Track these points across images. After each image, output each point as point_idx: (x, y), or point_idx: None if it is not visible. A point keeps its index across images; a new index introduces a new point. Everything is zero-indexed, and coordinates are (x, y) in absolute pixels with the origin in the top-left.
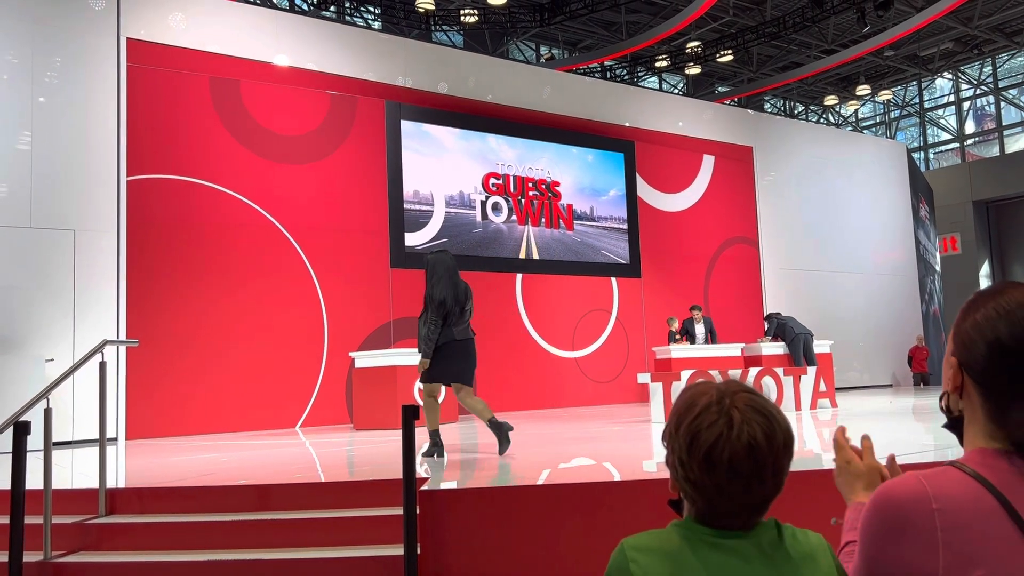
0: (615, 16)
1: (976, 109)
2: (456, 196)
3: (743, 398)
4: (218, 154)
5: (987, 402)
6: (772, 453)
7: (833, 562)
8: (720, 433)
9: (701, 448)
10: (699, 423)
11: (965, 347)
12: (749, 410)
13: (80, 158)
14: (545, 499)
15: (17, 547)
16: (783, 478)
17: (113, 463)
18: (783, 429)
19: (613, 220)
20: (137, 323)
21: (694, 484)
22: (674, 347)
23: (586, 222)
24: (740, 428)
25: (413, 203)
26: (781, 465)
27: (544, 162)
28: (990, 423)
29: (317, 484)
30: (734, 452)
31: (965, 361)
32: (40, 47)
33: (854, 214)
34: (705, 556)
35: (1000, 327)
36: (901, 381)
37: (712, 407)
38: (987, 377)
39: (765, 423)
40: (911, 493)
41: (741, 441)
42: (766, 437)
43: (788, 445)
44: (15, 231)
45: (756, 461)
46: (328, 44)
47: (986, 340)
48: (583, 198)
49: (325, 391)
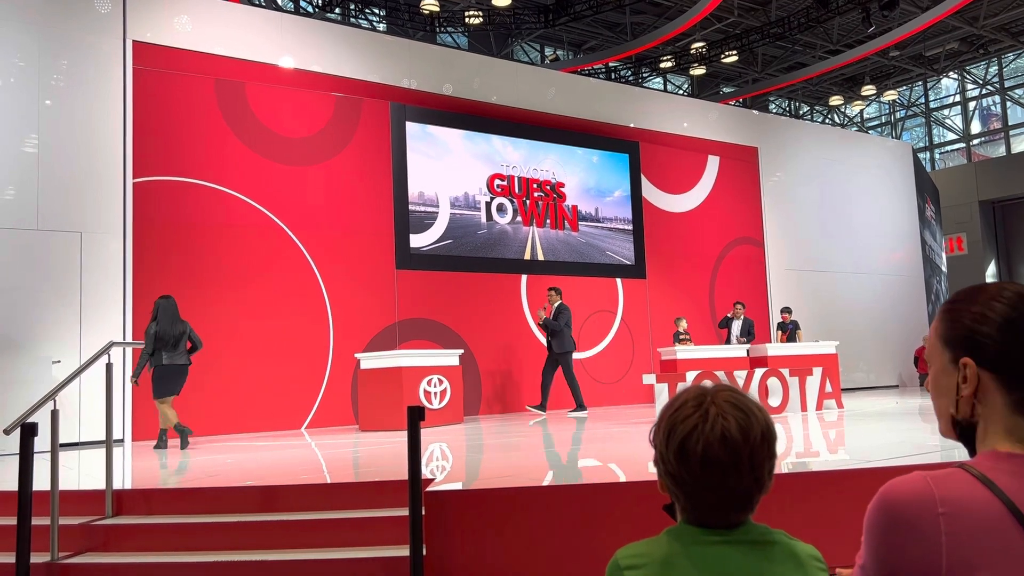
0: (620, 17)
1: (982, 109)
2: (461, 197)
3: (724, 395)
4: (223, 156)
5: (1010, 392)
6: (748, 445)
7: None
8: (695, 425)
9: (676, 439)
10: (676, 417)
11: (971, 340)
12: (727, 405)
13: (86, 160)
14: (551, 500)
15: (24, 548)
16: (763, 473)
17: (120, 464)
18: (761, 425)
19: (618, 221)
20: (143, 325)
21: (672, 477)
22: (679, 348)
23: (591, 223)
24: (715, 420)
25: (418, 204)
26: (759, 460)
27: (549, 163)
28: (1013, 415)
29: (323, 485)
30: (708, 443)
31: (986, 356)
32: (46, 50)
33: (860, 215)
34: (696, 553)
35: (1004, 309)
36: (907, 382)
37: (691, 403)
38: (1005, 363)
39: (742, 417)
40: (917, 495)
41: (715, 433)
42: (741, 430)
43: (768, 441)
44: (22, 233)
45: (730, 452)
46: (333, 46)
47: (996, 325)
48: (588, 199)
49: (330, 392)
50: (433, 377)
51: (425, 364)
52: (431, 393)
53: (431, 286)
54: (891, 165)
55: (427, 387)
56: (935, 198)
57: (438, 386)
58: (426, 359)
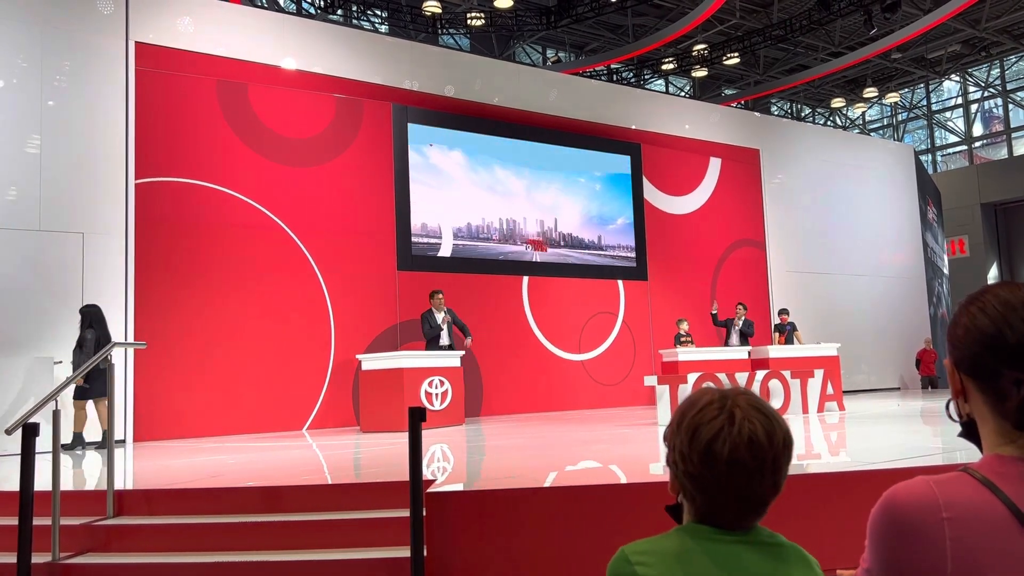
0: (621, 19)
1: (984, 111)
2: (464, 228)
3: (745, 398)
4: (225, 157)
5: (989, 399)
6: (772, 449)
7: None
8: (721, 427)
9: (702, 440)
10: (700, 418)
11: (958, 348)
12: (751, 408)
13: (89, 161)
14: (552, 502)
15: (25, 548)
16: (781, 478)
17: (121, 465)
18: (783, 430)
19: (621, 248)
20: (145, 326)
21: (694, 479)
22: (681, 350)
23: (593, 251)
24: (741, 423)
25: (421, 236)
26: (780, 464)
27: (552, 193)
28: (997, 419)
29: (324, 486)
30: (735, 445)
31: (959, 362)
32: (49, 51)
33: (861, 217)
34: (712, 550)
35: (985, 324)
36: (909, 384)
37: (714, 404)
38: (983, 373)
39: (766, 421)
40: (921, 500)
41: (742, 435)
42: (767, 434)
43: (788, 446)
44: (24, 234)
45: (756, 456)
46: (335, 47)
47: (976, 339)
48: (591, 227)
49: (332, 393)
50: (434, 378)
51: (426, 365)
52: (432, 394)
53: (432, 287)
54: (893, 167)
55: (428, 388)
56: (937, 200)
57: (439, 387)
58: (427, 360)
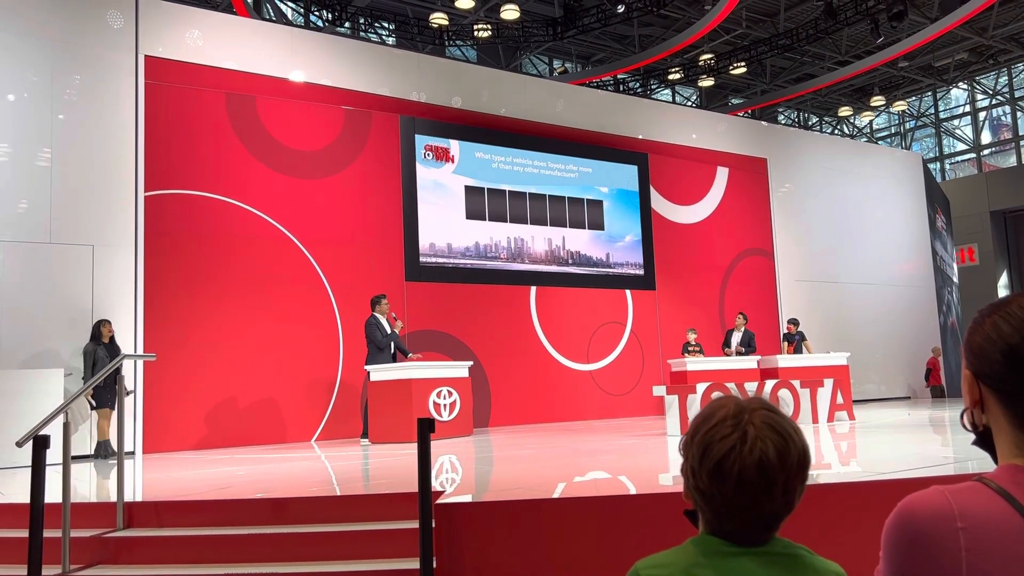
0: (628, 29)
1: (992, 119)
2: (472, 247)
3: (761, 415)
4: (234, 169)
5: (1008, 410)
6: (784, 471)
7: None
8: (732, 446)
9: (712, 459)
10: (713, 434)
11: (978, 358)
12: (765, 427)
13: (99, 174)
14: (561, 513)
15: (36, 560)
16: (794, 497)
17: (131, 477)
18: (799, 450)
19: (629, 266)
20: (154, 337)
21: (703, 494)
22: (689, 359)
23: (601, 268)
24: (753, 443)
25: (429, 255)
26: (792, 484)
27: (559, 211)
28: (1015, 431)
29: (333, 498)
30: (744, 466)
31: (980, 372)
32: (60, 65)
33: (870, 225)
34: (719, 565)
35: (1009, 333)
36: (918, 393)
37: (728, 420)
38: (1005, 384)
39: (780, 441)
40: (936, 510)
41: (752, 456)
42: (779, 455)
43: (802, 465)
44: (35, 247)
45: (766, 478)
46: (343, 60)
47: (999, 348)
48: (599, 244)
49: (340, 405)
50: (443, 389)
51: (434, 376)
52: (441, 405)
53: (440, 298)
54: (901, 176)
55: (437, 399)
56: (945, 209)
57: (448, 398)
58: (435, 371)
